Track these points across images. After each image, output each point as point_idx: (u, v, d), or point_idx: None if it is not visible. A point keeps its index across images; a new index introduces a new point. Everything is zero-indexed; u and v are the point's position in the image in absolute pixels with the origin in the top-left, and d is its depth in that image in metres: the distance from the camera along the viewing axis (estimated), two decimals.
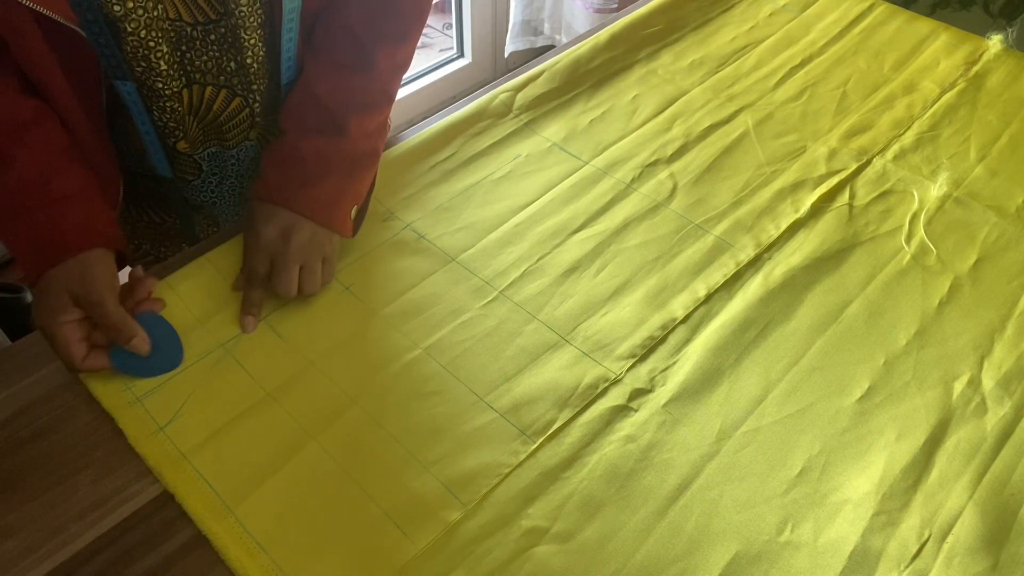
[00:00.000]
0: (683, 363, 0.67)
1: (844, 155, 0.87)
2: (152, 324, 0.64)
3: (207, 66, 0.69)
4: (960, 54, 1.01)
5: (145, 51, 0.65)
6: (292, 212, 0.70)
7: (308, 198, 0.70)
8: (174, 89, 0.69)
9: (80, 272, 0.61)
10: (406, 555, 0.55)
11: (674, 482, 0.60)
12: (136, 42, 0.64)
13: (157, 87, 0.68)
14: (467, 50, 2.03)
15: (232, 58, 0.70)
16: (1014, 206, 0.82)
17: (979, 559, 0.56)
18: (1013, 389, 0.67)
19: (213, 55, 0.69)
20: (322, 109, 0.72)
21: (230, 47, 0.69)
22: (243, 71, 0.71)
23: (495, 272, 0.74)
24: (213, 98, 0.72)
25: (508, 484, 0.59)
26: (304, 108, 0.72)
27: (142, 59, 0.65)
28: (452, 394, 0.65)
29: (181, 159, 0.76)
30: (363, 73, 0.73)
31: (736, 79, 0.97)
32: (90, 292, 0.61)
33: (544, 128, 0.90)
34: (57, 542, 0.55)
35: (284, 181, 0.71)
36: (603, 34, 1.00)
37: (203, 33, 0.67)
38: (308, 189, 0.70)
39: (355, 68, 0.73)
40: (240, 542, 0.55)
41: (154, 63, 0.66)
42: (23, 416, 0.62)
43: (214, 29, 0.67)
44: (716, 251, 0.77)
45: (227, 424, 0.62)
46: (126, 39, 0.63)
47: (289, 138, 0.72)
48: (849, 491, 0.60)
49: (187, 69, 0.69)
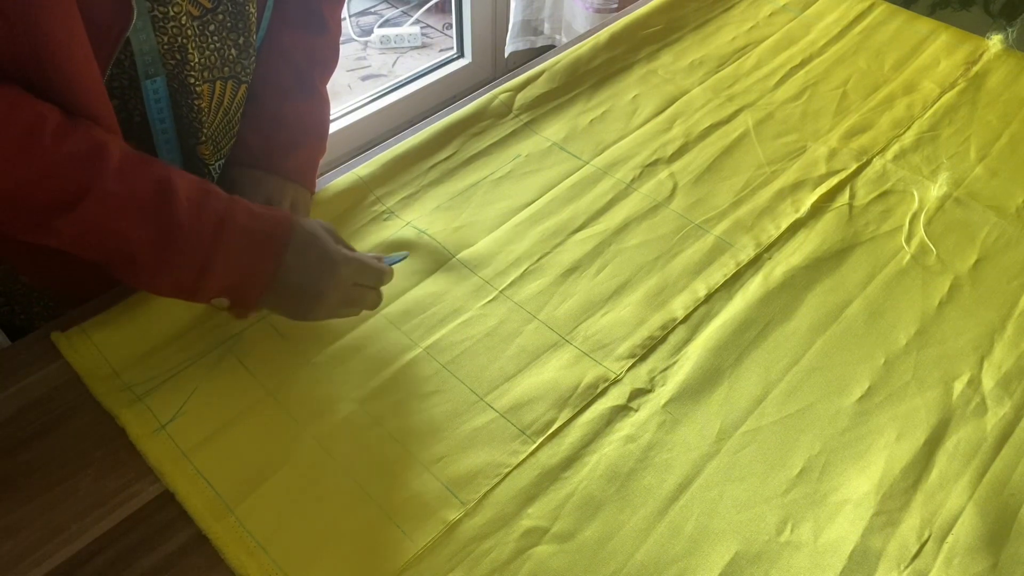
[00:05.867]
0: (683, 363, 0.67)
1: (844, 155, 0.87)
2: None
3: (211, 60, 0.67)
4: (960, 54, 1.01)
5: (183, 40, 0.62)
6: (277, 177, 0.71)
7: (290, 162, 0.72)
8: (201, 85, 0.67)
9: (311, 222, 0.63)
10: (406, 555, 0.55)
11: (674, 482, 0.60)
12: (176, 29, 0.61)
13: (189, 82, 0.64)
14: (467, 50, 2.03)
15: (232, 44, 0.68)
16: (1014, 206, 0.82)
17: (979, 559, 0.56)
18: (1013, 389, 0.67)
19: (215, 46, 0.67)
20: (294, 69, 0.74)
21: (229, 32, 0.67)
22: (244, 53, 0.69)
23: (495, 272, 0.74)
24: (223, 93, 0.71)
25: (508, 484, 0.59)
26: (279, 72, 0.73)
27: (178, 50, 0.62)
28: (452, 394, 0.65)
29: (197, 167, 0.72)
30: (320, 32, 0.76)
31: (736, 79, 0.97)
32: (333, 232, 0.64)
33: (544, 128, 0.90)
34: (57, 542, 0.55)
35: (268, 147, 0.72)
36: (603, 34, 1.00)
37: (202, 26, 0.65)
38: (291, 153, 0.72)
39: (315, 30, 0.76)
40: (240, 541, 0.55)
41: (190, 54, 0.63)
42: (23, 416, 0.62)
43: (212, 19, 0.65)
44: (716, 251, 0.77)
45: (228, 423, 0.62)
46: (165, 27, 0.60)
47: (268, 103, 0.73)
48: (849, 491, 0.60)
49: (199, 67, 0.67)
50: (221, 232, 0.58)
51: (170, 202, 0.56)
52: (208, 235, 0.57)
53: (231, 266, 0.58)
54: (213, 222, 0.58)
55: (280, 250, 0.60)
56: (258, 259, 0.59)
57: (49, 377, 0.65)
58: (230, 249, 0.58)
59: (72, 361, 0.65)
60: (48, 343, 0.66)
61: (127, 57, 0.60)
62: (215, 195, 0.59)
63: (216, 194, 0.59)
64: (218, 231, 0.57)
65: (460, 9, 1.97)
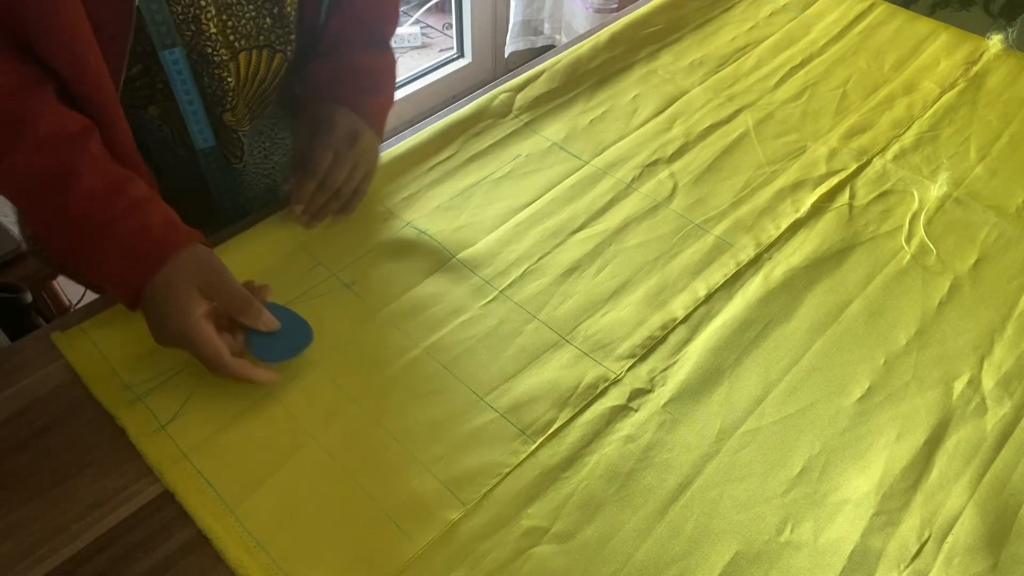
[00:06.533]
0: (683, 363, 0.67)
1: (844, 155, 0.87)
2: (273, 310, 0.63)
3: (247, 28, 0.69)
4: (960, 54, 1.01)
5: (196, 11, 0.64)
6: (357, 116, 0.75)
7: (371, 105, 0.76)
8: (223, 57, 0.69)
9: (196, 262, 0.60)
10: (406, 555, 0.55)
11: (674, 482, 0.60)
12: (188, 1, 0.64)
13: (206, 52, 0.67)
14: (467, 50, 2.03)
15: (267, 13, 0.70)
16: (1014, 206, 0.82)
17: (979, 559, 0.56)
18: (1013, 389, 0.67)
19: (250, 15, 0.69)
20: (364, 26, 0.78)
21: (264, 2, 0.69)
22: (279, 23, 0.71)
23: (495, 272, 0.74)
24: (258, 62, 0.73)
25: (508, 484, 0.59)
26: (349, 27, 0.77)
27: (192, 21, 0.65)
28: (452, 394, 0.65)
29: (225, 132, 0.76)
30: None
31: (736, 79, 0.97)
32: (218, 276, 0.60)
33: (544, 128, 0.90)
34: (57, 542, 0.55)
35: (348, 89, 0.76)
36: (603, 34, 1.00)
37: None
38: (371, 97, 0.77)
39: None
40: (240, 541, 0.55)
41: (204, 25, 0.65)
42: (23, 416, 0.62)
43: None
44: (716, 251, 0.77)
45: (228, 423, 0.62)
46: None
47: (341, 54, 0.76)
48: (849, 491, 0.60)
49: (230, 38, 0.69)
50: (102, 233, 0.59)
51: (67, 190, 0.58)
52: (89, 231, 0.59)
53: (101, 269, 0.60)
54: (98, 223, 0.59)
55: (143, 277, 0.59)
56: (128, 271, 0.60)
57: (49, 377, 0.65)
58: (104, 252, 0.59)
59: (72, 361, 0.65)
60: (48, 343, 0.66)
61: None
62: (122, 198, 0.59)
63: (123, 198, 0.59)
64: (100, 231, 0.59)
65: (460, 9, 1.97)
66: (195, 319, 0.58)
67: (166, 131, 0.73)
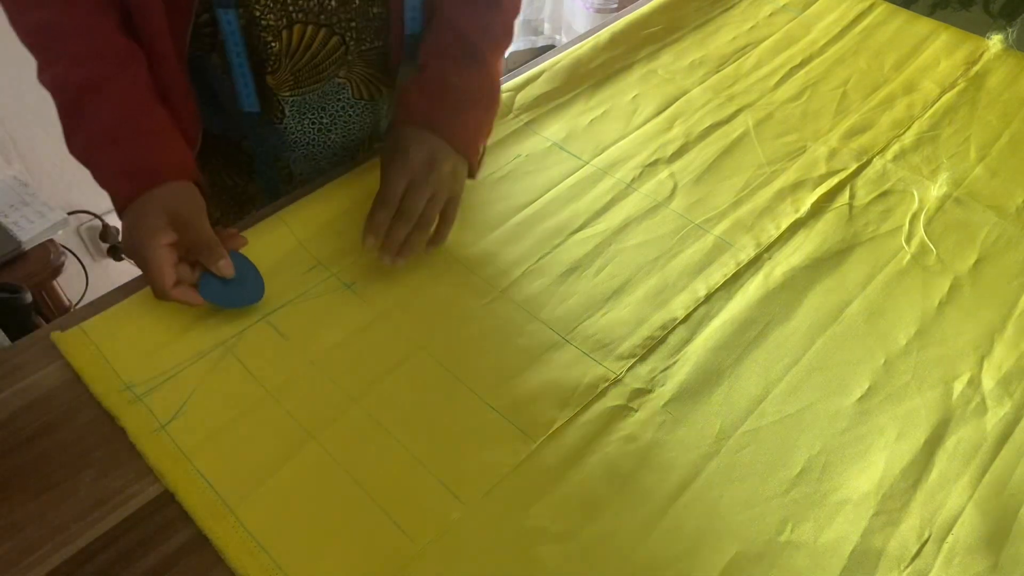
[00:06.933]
0: (683, 363, 0.67)
1: (844, 155, 0.87)
2: (237, 259, 0.68)
3: (309, 4, 0.71)
4: (960, 54, 1.01)
5: None
6: (440, 139, 0.72)
7: (457, 126, 0.73)
8: (273, 24, 0.71)
9: (176, 194, 0.65)
10: (406, 554, 0.55)
11: (674, 482, 0.60)
12: None
13: (255, 15, 0.70)
14: None
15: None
16: (1014, 206, 0.82)
17: (979, 559, 0.56)
18: (1013, 389, 0.67)
19: None
20: (464, 41, 0.75)
21: None
22: (345, 7, 0.73)
23: (496, 272, 0.74)
24: (312, 38, 0.74)
25: (508, 484, 0.59)
26: (447, 41, 0.76)
27: None
28: (452, 394, 0.65)
29: (267, 95, 0.78)
30: (495, 8, 0.78)
31: (736, 79, 0.97)
32: (189, 211, 0.65)
33: (544, 128, 0.90)
34: (57, 542, 0.55)
35: (433, 108, 0.73)
36: (603, 34, 1.00)
37: None
38: (457, 117, 0.74)
39: (489, 4, 0.78)
40: (240, 542, 0.55)
41: None
42: (23, 416, 0.62)
43: None
44: (716, 251, 0.77)
45: (228, 423, 0.62)
46: None
47: (433, 69, 0.75)
48: (849, 491, 0.60)
49: (289, 9, 0.71)
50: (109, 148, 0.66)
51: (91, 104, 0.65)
52: (98, 144, 0.66)
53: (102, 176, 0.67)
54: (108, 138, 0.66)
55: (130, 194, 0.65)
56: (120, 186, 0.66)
57: (49, 377, 0.65)
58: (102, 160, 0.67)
59: (72, 361, 0.65)
60: (48, 343, 0.66)
61: None
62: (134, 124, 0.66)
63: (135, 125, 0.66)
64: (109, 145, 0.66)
65: None
66: (155, 244, 0.62)
67: (226, 81, 0.76)
